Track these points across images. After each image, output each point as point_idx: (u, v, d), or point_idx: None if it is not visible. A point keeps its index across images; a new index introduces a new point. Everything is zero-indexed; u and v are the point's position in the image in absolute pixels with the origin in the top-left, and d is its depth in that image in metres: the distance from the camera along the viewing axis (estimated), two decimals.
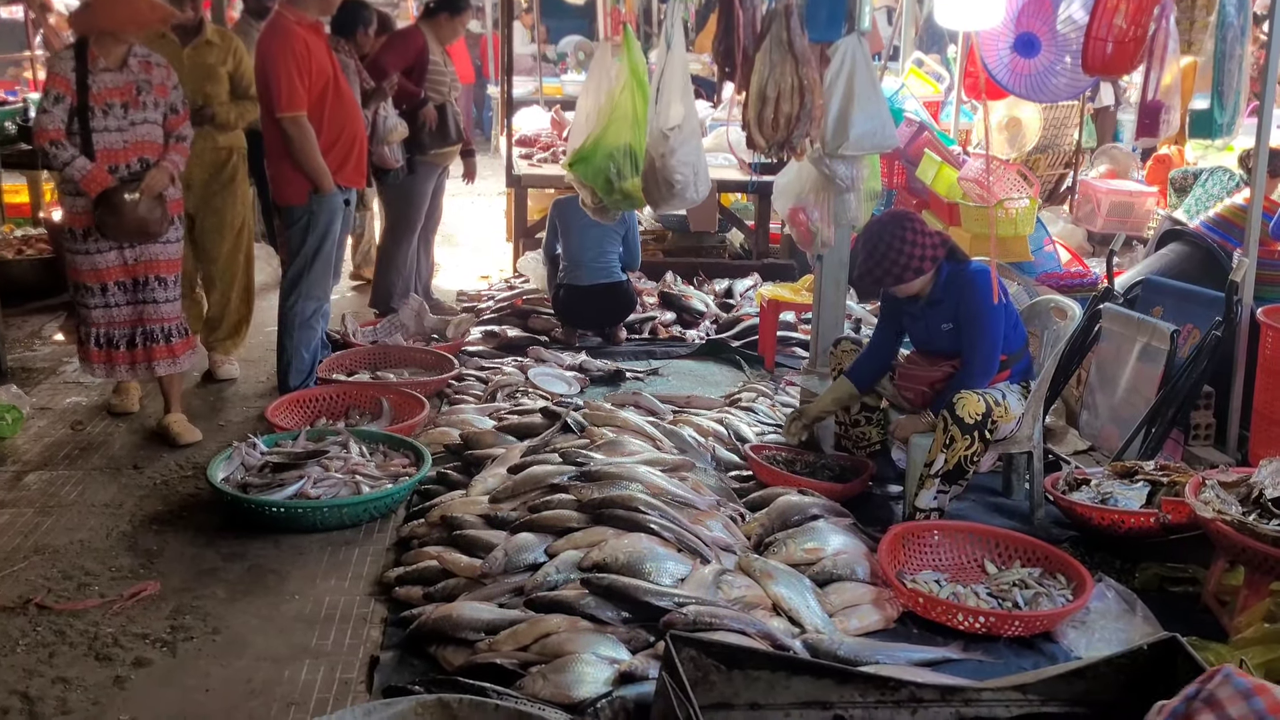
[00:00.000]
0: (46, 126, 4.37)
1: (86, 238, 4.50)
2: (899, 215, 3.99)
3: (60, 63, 4.48)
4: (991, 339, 3.90)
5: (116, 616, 3.35)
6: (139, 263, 4.58)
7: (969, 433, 3.78)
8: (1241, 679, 1.90)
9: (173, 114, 4.60)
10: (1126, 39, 4.73)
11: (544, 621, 3.10)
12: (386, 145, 5.86)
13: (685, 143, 4.39)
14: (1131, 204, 7.76)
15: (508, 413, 4.88)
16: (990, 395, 3.84)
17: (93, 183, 4.38)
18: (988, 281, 3.90)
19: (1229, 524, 3.15)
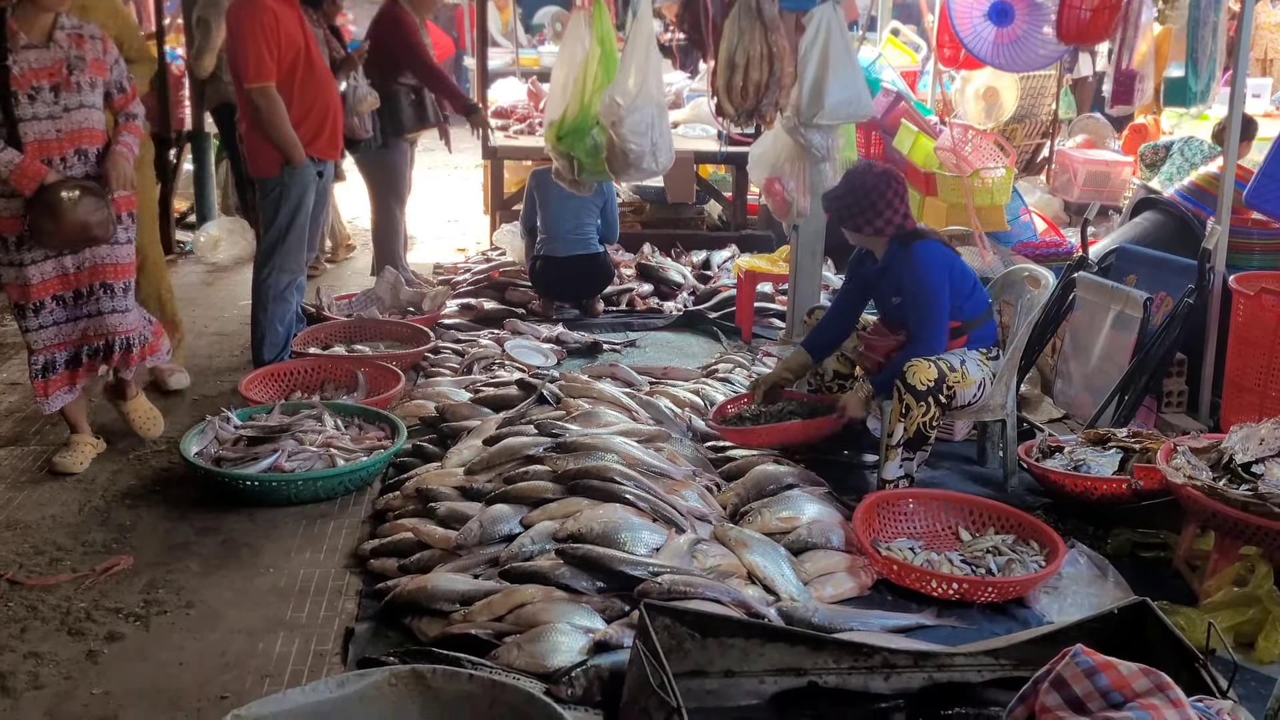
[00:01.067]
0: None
1: (19, 247, 3.87)
2: (890, 175, 3.99)
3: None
4: (933, 310, 3.90)
5: (89, 591, 3.33)
6: (83, 271, 3.98)
7: (923, 399, 3.79)
8: (1087, 657, 1.92)
9: (118, 92, 4.03)
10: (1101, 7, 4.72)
11: (519, 592, 3.10)
12: (357, 115, 5.81)
13: (635, 111, 4.32)
14: (1108, 173, 7.80)
15: (484, 385, 4.86)
16: (944, 361, 3.86)
17: (25, 178, 3.73)
18: (929, 255, 3.91)
19: (1199, 489, 3.18)
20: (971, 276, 4.07)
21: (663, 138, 4.49)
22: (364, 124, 5.92)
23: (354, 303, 6.22)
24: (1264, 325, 3.98)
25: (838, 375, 4.29)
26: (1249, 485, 3.14)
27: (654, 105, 4.35)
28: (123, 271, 4.09)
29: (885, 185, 3.92)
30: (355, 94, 5.80)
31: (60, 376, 4.06)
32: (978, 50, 6.15)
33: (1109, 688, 1.90)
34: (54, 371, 4.04)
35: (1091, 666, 1.91)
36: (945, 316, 3.92)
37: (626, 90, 4.36)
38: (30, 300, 3.94)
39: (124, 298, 4.09)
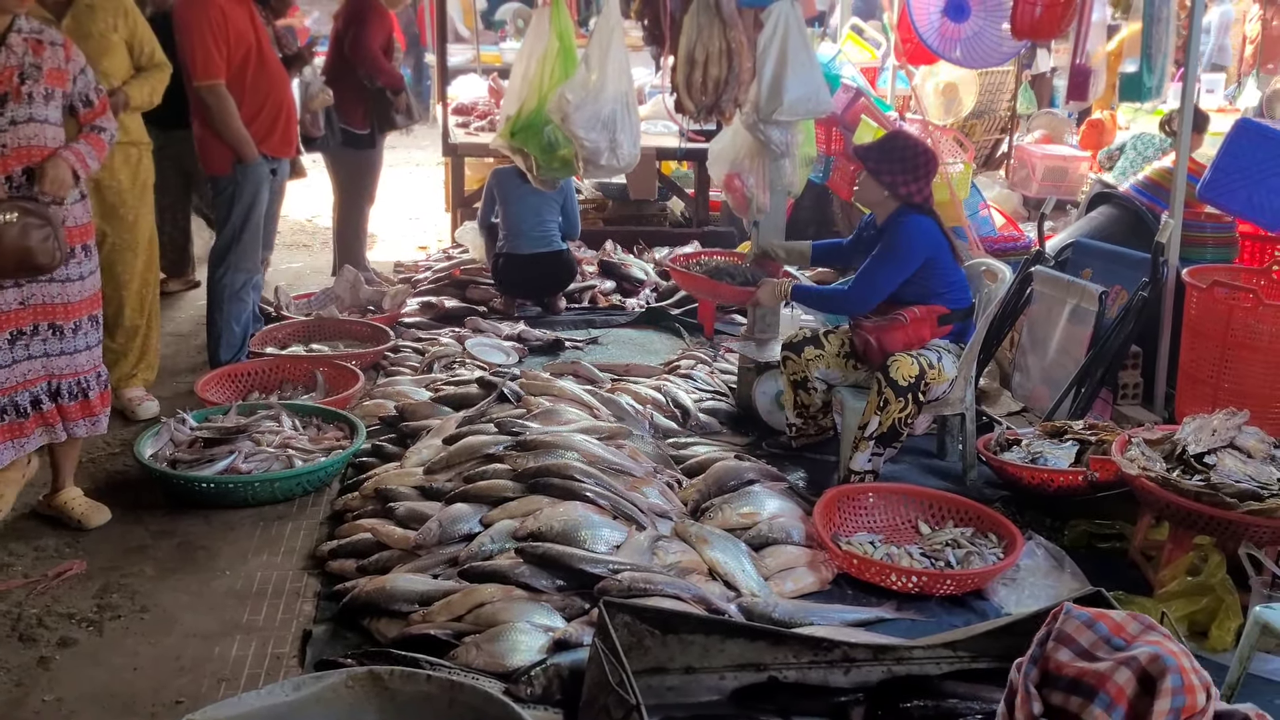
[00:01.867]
0: None
1: None
2: (932, 153, 4.08)
3: None
4: (883, 272, 3.95)
5: (41, 596, 3.28)
6: (26, 307, 3.47)
7: (902, 395, 3.81)
8: (1082, 610, 2.02)
9: (84, 105, 3.60)
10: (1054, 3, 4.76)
11: (478, 591, 3.08)
12: (309, 113, 5.76)
13: (585, 106, 4.28)
14: (1066, 168, 7.87)
15: (444, 384, 4.83)
16: (925, 357, 3.87)
17: None
18: (917, 228, 3.94)
19: (1153, 480, 3.21)
20: (959, 269, 4.10)
21: (624, 134, 4.44)
22: (316, 121, 5.86)
23: (312, 301, 6.16)
24: (1216, 318, 4.03)
25: (825, 405, 4.28)
26: (1201, 476, 3.18)
27: (614, 101, 4.31)
28: (74, 310, 3.57)
29: (927, 157, 4.01)
30: (308, 90, 5.75)
31: (28, 421, 3.54)
32: (935, 46, 6.18)
33: (1109, 634, 2.00)
34: (20, 414, 3.51)
35: (1089, 618, 2.02)
36: (890, 285, 3.96)
37: (578, 85, 4.32)
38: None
39: (73, 338, 3.59)
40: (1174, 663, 1.83)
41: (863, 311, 4.00)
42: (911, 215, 3.97)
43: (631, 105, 4.46)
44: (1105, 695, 1.84)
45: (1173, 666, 1.82)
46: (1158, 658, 1.83)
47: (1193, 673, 1.86)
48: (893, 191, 3.97)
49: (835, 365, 4.15)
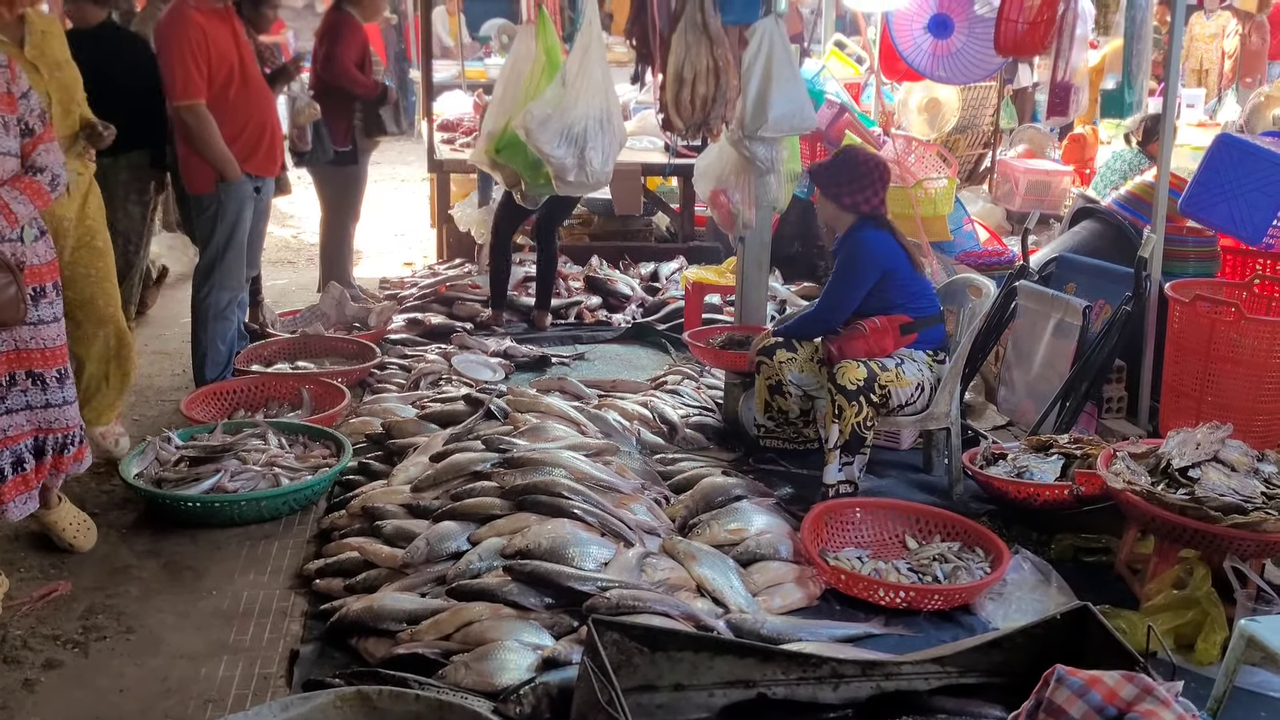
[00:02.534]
0: None
1: None
2: (880, 162, 4.18)
3: None
4: (843, 289, 4.06)
5: (25, 618, 3.25)
6: (1, 354, 3.27)
7: (854, 399, 3.84)
8: (1074, 678, 1.96)
9: (26, 135, 3.25)
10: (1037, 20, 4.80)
11: (466, 610, 3.07)
12: (296, 127, 5.76)
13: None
14: (1048, 183, 7.93)
15: (430, 400, 4.83)
16: (875, 362, 3.91)
17: None
18: (872, 241, 4.03)
19: (1138, 494, 3.23)
20: (921, 277, 4.14)
21: (594, 150, 4.39)
22: (304, 135, 5.86)
23: (298, 319, 6.15)
24: (1199, 332, 4.06)
25: (803, 414, 4.31)
26: (1186, 489, 3.19)
27: (585, 117, 4.26)
28: (52, 357, 3.35)
29: (873, 168, 4.11)
30: (295, 105, 5.74)
31: (28, 473, 3.35)
32: (917, 63, 6.24)
33: (1102, 703, 1.93)
34: (19, 467, 3.33)
35: (1081, 685, 1.94)
36: (852, 301, 4.05)
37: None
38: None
39: (59, 388, 3.37)
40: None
41: (832, 329, 4.11)
42: (865, 230, 4.06)
43: (608, 121, 4.39)
44: None
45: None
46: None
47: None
48: (851, 210, 4.08)
49: (808, 369, 4.21)
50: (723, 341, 4.75)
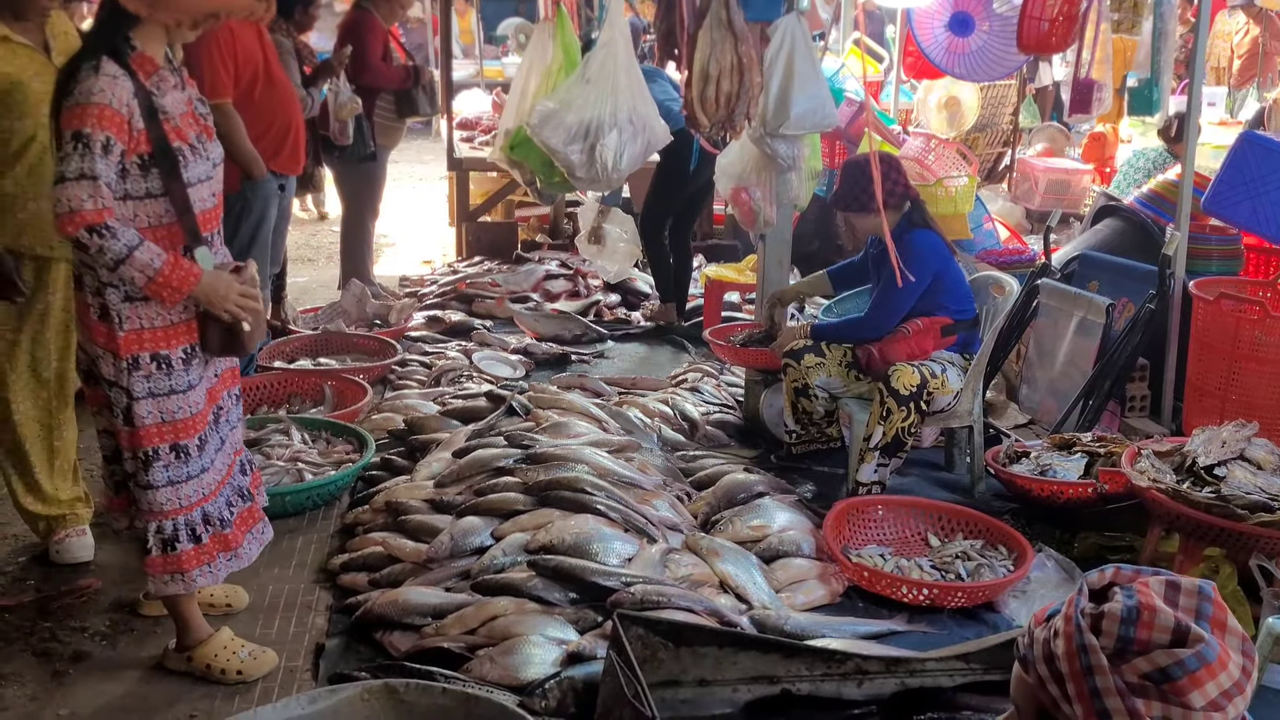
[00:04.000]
0: (84, 205, 2.55)
1: (187, 363, 2.81)
2: (883, 155, 4.06)
3: (95, 76, 2.60)
4: (897, 296, 3.96)
5: (55, 611, 3.28)
6: (219, 375, 2.98)
7: (904, 404, 3.83)
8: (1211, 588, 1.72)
9: None
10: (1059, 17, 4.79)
11: (491, 604, 3.08)
12: (338, 121, 5.79)
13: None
14: (1068, 181, 7.91)
15: (452, 397, 4.84)
16: (926, 367, 3.90)
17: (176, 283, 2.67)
18: (924, 246, 3.97)
19: (1164, 492, 3.22)
20: (964, 279, 4.12)
21: (608, 148, 4.37)
22: (345, 131, 5.89)
23: (319, 316, 6.18)
24: (1223, 330, 4.04)
25: (827, 414, 4.30)
26: (1212, 488, 3.18)
27: (598, 114, 4.25)
28: (237, 374, 3.15)
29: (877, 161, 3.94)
30: (336, 100, 5.78)
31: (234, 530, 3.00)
32: (938, 60, 6.22)
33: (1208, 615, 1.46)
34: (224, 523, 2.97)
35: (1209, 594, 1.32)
36: (904, 308, 3.99)
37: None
38: (195, 435, 2.85)
39: (235, 405, 3.10)
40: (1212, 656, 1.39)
41: (881, 335, 4.01)
42: (914, 232, 3.99)
43: (628, 121, 4.38)
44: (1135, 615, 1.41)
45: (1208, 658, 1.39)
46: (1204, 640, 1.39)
47: None
48: (871, 210, 3.93)
49: (837, 374, 4.18)
50: (743, 339, 4.75)
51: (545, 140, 4.27)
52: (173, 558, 2.83)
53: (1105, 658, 1.34)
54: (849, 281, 4.50)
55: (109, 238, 2.58)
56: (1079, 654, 1.35)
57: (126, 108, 2.62)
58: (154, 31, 2.72)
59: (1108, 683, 1.33)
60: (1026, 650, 1.44)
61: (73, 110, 2.58)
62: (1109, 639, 1.35)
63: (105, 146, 2.58)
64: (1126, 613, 1.35)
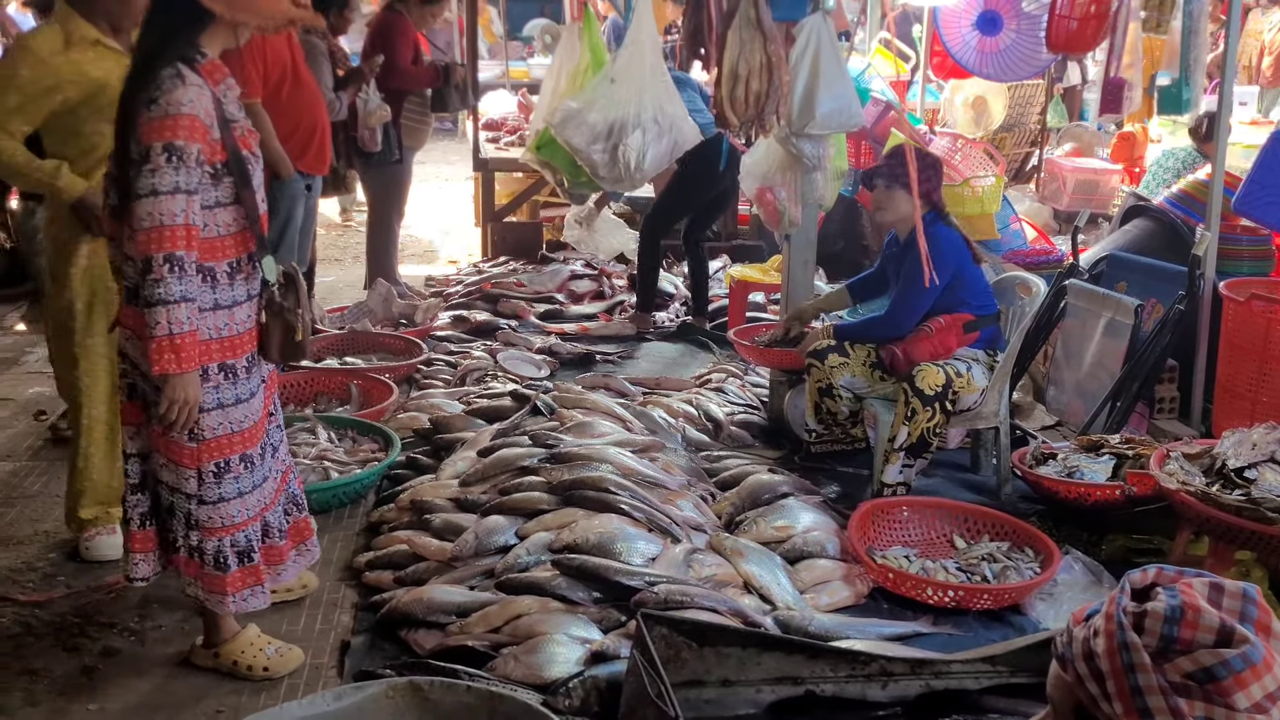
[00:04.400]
0: (176, 221, 2.54)
1: (250, 370, 2.81)
2: (931, 155, 4.10)
3: (179, 85, 2.57)
4: (919, 294, 3.95)
5: (84, 607, 3.32)
6: (267, 381, 2.95)
7: (929, 404, 3.81)
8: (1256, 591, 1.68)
9: None
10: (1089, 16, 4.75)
11: (515, 603, 3.09)
12: (367, 129, 5.83)
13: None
14: (1097, 181, 7.84)
15: (477, 396, 4.86)
16: (951, 366, 3.88)
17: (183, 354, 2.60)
18: (946, 243, 3.96)
19: (1193, 495, 3.19)
20: (982, 275, 4.10)
21: (631, 149, 4.36)
22: (374, 137, 5.92)
23: (346, 315, 6.21)
24: (1254, 331, 4.00)
25: (852, 415, 4.29)
26: (1242, 490, 3.15)
27: (622, 114, 4.24)
28: (276, 378, 3.09)
29: (934, 158, 4.08)
30: (365, 106, 5.81)
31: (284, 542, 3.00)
32: (965, 60, 6.19)
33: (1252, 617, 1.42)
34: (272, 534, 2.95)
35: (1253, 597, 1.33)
36: (925, 304, 3.98)
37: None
38: (258, 442, 2.86)
39: (280, 413, 3.09)
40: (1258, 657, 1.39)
41: (904, 333, 3.99)
42: (940, 226, 3.98)
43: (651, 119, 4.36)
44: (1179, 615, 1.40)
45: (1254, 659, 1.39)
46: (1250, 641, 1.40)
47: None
48: (909, 194, 3.95)
49: (861, 374, 4.17)
50: (768, 340, 4.74)
51: (568, 139, 4.28)
52: (218, 578, 2.83)
53: (1148, 655, 1.33)
54: (869, 293, 4.49)
55: (178, 275, 2.54)
56: (1120, 651, 1.34)
57: (209, 117, 2.61)
58: (221, 36, 2.71)
59: (1150, 680, 1.32)
60: (1065, 648, 1.43)
61: (163, 121, 2.54)
62: (1152, 637, 1.34)
63: (197, 159, 2.57)
64: (1170, 611, 1.34)
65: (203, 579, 2.84)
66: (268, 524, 2.94)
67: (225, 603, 2.86)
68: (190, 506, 2.78)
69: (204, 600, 2.88)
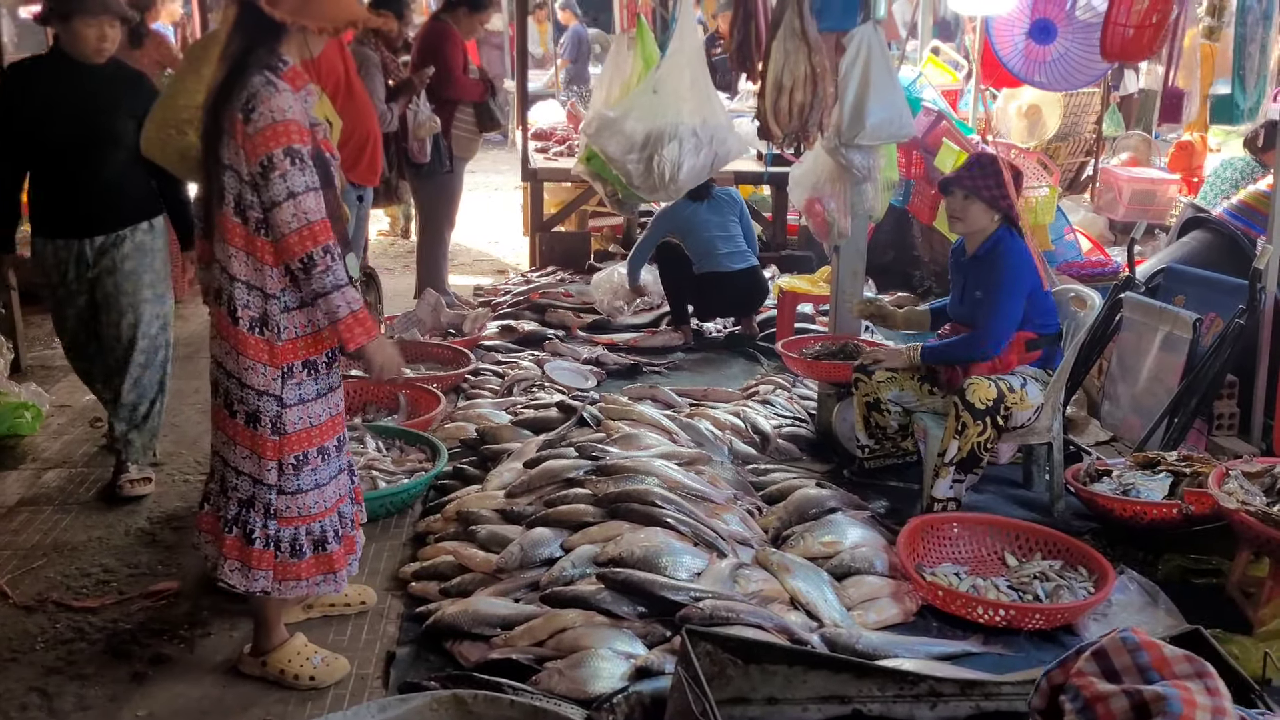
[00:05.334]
0: (319, 216, 2.68)
1: (330, 366, 2.90)
2: (1013, 167, 3.99)
3: (276, 92, 2.67)
4: (1009, 312, 3.86)
5: (135, 613, 3.36)
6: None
7: (980, 418, 3.76)
8: (1133, 635, 1.91)
9: None
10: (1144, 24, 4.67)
11: (560, 616, 3.09)
12: (416, 140, 5.88)
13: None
14: (1154, 192, 7.69)
15: (524, 407, 4.87)
16: (1004, 381, 3.82)
17: (369, 326, 2.78)
18: (1024, 260, 3.90)
19: (1253, 515, 3.11)
20: (1049, 293, 4.04)
21: (667, 160, 4.34)
22: (424, 149, 5.97)
23: (395, 324, 6.24)
24: None
25: (901, 428, 4.24)
26: None
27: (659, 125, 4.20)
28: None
29: (1005, 168, 3.96)
30: (415, 118, 5.86)
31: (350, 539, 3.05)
32: (1018, 69, 6.11)
33: (1148, 665, 1.86)
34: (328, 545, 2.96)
35: (1135, 643, 1.89)
36: (1014, 324, 3.88)
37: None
38: (335, 436, 2.96)
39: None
40: (1179, 709, 1.70)
41: (999, 351, 3.88)
42: (1012, 239, 3.92)
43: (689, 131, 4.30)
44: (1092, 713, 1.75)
45: (1175, 712, 1.70)
46: (1163, 698, 1.70)
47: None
48: (994, 207, 3.90)
49: (909, 388, 4.12)
50: (816, 352, 4.70)
51: (603, 148, 4.29)
52: (293, 565, 2.89)
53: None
54: (943, 316, 4.29)
55: (337, 261, 2.68)
56: None
57: (304, 119, 2.71)
58: (296, 44, 2.79)
59: None
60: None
61: (274, 128, 2.63)
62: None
63: (306, 159, 2.66)
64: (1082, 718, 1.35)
65: (277, 568, 2.89)
66: (342, 514, 3.01)
67: (300, 588, 2.93)
68: (270, 496, 2.86)
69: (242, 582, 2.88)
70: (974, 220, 3.96)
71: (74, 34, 3.75)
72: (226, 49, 2.78)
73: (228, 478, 2.90)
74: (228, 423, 2.86)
